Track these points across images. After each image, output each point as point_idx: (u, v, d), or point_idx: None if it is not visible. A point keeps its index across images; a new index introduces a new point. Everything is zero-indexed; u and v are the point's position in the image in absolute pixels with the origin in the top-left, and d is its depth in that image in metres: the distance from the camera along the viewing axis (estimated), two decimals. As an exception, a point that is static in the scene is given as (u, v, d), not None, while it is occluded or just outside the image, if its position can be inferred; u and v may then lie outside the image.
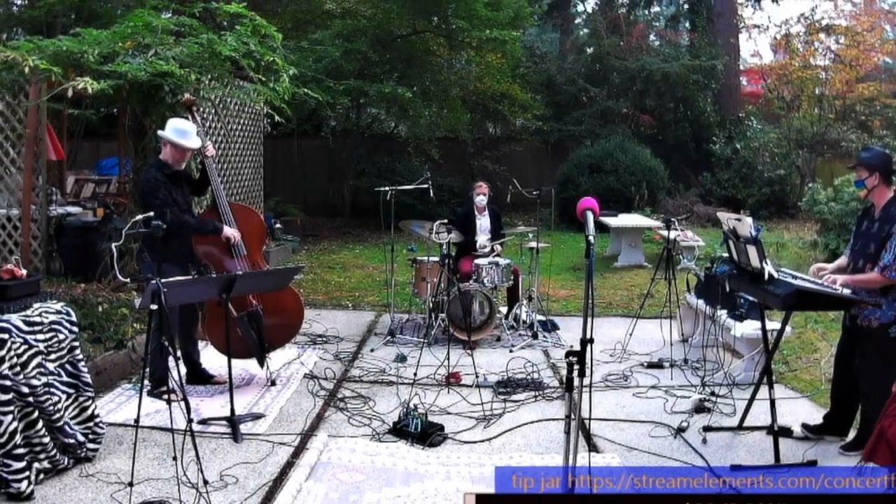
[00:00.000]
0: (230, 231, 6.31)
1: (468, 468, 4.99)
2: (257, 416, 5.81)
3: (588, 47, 24.44)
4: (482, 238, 8.71)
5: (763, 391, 5.27)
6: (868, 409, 5.18)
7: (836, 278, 5.07)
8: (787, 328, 5.85)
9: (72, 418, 4.82)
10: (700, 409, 6.01)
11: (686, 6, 27.48)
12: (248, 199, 11.95)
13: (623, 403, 6.33)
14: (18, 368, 4.44)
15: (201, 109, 9.12)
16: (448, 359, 6.93)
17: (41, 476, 4.53)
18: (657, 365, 7.33)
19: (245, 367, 6.77)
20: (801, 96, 21.75)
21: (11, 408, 4.36)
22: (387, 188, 8.40)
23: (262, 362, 6.54)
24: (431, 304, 8.10)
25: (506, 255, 8.69)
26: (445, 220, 7.82)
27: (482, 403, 6.15)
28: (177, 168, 6.21)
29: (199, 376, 6.54)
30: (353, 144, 18.96)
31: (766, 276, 5.07)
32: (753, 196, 18.96)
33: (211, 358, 6.76)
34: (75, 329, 5.00)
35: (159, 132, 6.31)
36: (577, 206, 3.93)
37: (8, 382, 4.36)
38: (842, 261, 5.51)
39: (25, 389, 4.44)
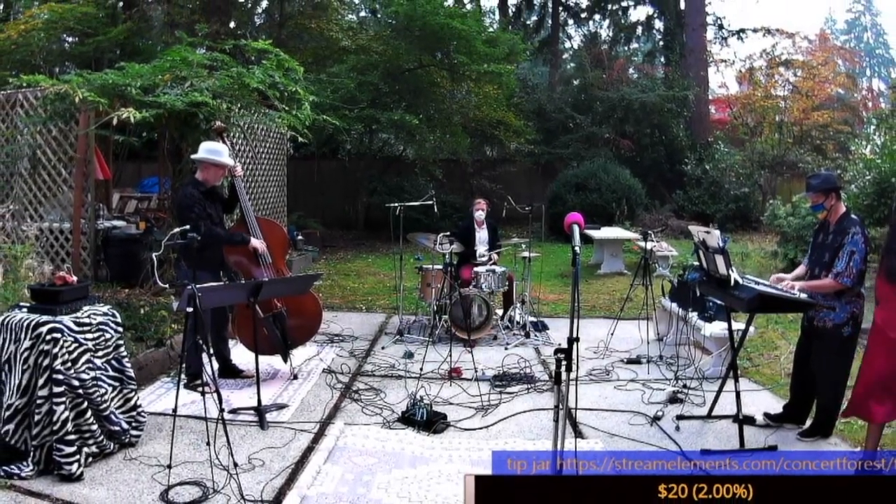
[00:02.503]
0: (257, 242, 6.34)
1: (468, 452, 5.00)
2: (281, 406, 5.82)
3: (574, 79, 24.49)
4: (481, 248, 8.73)
5: (729, 384, 5.29)
6: (824, 399, 5.20)
7: (794, 284, 5.10)
8: (751, 328, 5.85)
9: (117, 408, 4.83)
10: (674, 400, 6.02)
11: (661, 43, 27.57)
12: (273, 214, 11.96)
13: (605, 395, 6.33)
14: (70, 364, 4.47)
15: (231, 135, 9.14)
16: (450, 355, 6.94)
17: (90, 459, 4.55)
18: (635, 361, 7.33)
19: (270, 362, 6.77)
20: (763, 123, 21.80)
21: (64, 399, 4.40)
22: (396, 204, 8.42)
23: (285, 358, 6.55)
24: (435, 307, 8.11)
25: (501, 264, 8.70)
26: (448, 233, 7.85)
27: (480, 395, 6.15)
28: (211, 186, 6.24)
29: (229, 371, 6.56)
30: (366, 165, 18.99)
31: (732, 282, 5.10)
32: (721, 211, 18.95)
33: (240, 354, 6.78)
34: (120, 329, 5.03)
35: (193, 156, 6.34)
36: (564, 221, 3.95)
37: (61, 376, 4.39)
38: (800, 270, 5.53)
39: (76, 382, 4.47)
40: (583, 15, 28.81)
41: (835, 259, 4.99)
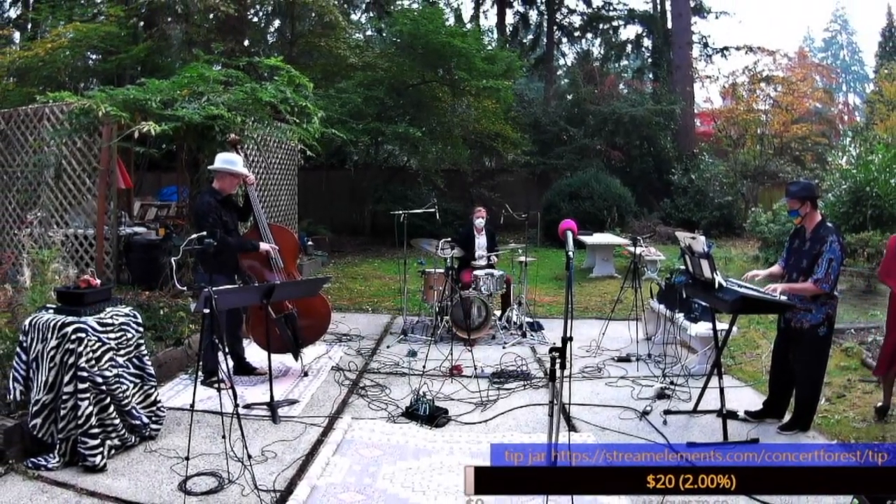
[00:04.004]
0: (266, 245, 6.34)
1: (468, 445, 5.00)
2: (292, 402, 5.82)
3: (568, 94, 24.52)
4: (480, 253, 8.73)
5: (714, 381, 5.27)
6: (803, 395, 5.20)
7: (776, 287, 5.10)
8: (734, 328, 5.86)
9: (138, 403, 4.85)
10: (661, 395, 6.02)
11: (650, 60, 27.64)
12: (284, 221, 11.99)
13: (597, 391, 6.33)
14: (94, 362, 4.48)
15: (245, 146, 9.16)
16: (451, 354, 6.95)
17: (112, 451, 4.56)
18: (625, 359, 7.33)
19: (282, 360, 6.77)
20: (745, 135, 21.82)
21: (88, 395, 4.41)
22: (400, 212, 8.41)
23: (296, 357, 6.56)
24: (437, 308, 8.10)
25: (499, 268, 8.70)
26: (449, 239, 7.86)
27: (480, 391, 6.16)
28: (226, 194, 6.25)
29: (243, 368, 6.55)
30: (372, 175, 19.00)
31: (717, 285, 5.10)
32: (706, 218, 18.97)
33: (254, 353, 6.78)
34: (141, 329, 5.04)
35: (210, 167, 6.36)
36: (558, 227, 3.96)
37: (85, 373, 4.40)
38: (774, 269, 5.55)
39: (99, 379, 4.48)
40: (576, 34, 28.94)
41: (813, 265, 5.00)
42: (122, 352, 4.78)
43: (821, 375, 5.23)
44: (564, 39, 29.26)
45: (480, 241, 8.80)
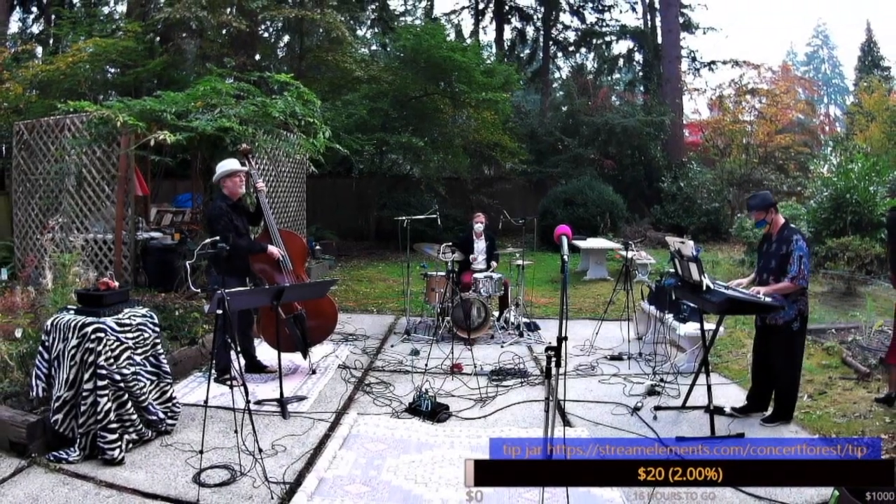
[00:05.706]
0: (274, 249, 6.35)
1: (468, 439, 5.00)
2: (301, 398, 5.82)
3: (563, 106, 24.50)
4: (479, 257, 8.73)
5: (701, 378, 5.29)
6: (782, 387, 5.23)
7: (759, 289, 5.13)
8: (721, 328, 5.87)
9: (154, 399, 4.85)
10: (651, 392, 6.01)
11: (641, 73, 27.64)
12: (293, 226, 11.99)
13: (591, 388, 6.33)
14: (112, 360, 4.49)
15: (256, 156, 9.18)
16: (452, 352, 6.95)
17: (130, 446, 4.56)
18: (618, 357, 7.33)
19: (291, 359, 6.78)
20: (731, 145, 21.81)
21: (107, 391, 4.42)
22: (403, 218, 8.42)
23: (305, 355, 6.56)
24: (439, 309, 8.11)
25: (498, 271, 8.71)
26: (450, 243, 7.86)
27: (479, 388, 6.16)
28: (237, 197, 6.26)
29: (254, 366, 6.55)
30: (377, 183, 19.00)
31: (704, 287, 5.11)
32: (694, 224, 18.94)
33: (264, 352, 6.79)
34: (157, 329, 5.05)
35: (213, 179, 6.40)
36: (554, 232, 3.97)
37: (104, 371, 4.41)
38: (753, 275, 5.63)
39: (118, 377, 4.49)
40: (570, 48, 28.95)
41: (783, 265, 5.11)
42: (139, 351, 4.79)
43: (798, 367, 5.27)
44: (560, 54, 29.29)
45: (480, 245, 8.81)
